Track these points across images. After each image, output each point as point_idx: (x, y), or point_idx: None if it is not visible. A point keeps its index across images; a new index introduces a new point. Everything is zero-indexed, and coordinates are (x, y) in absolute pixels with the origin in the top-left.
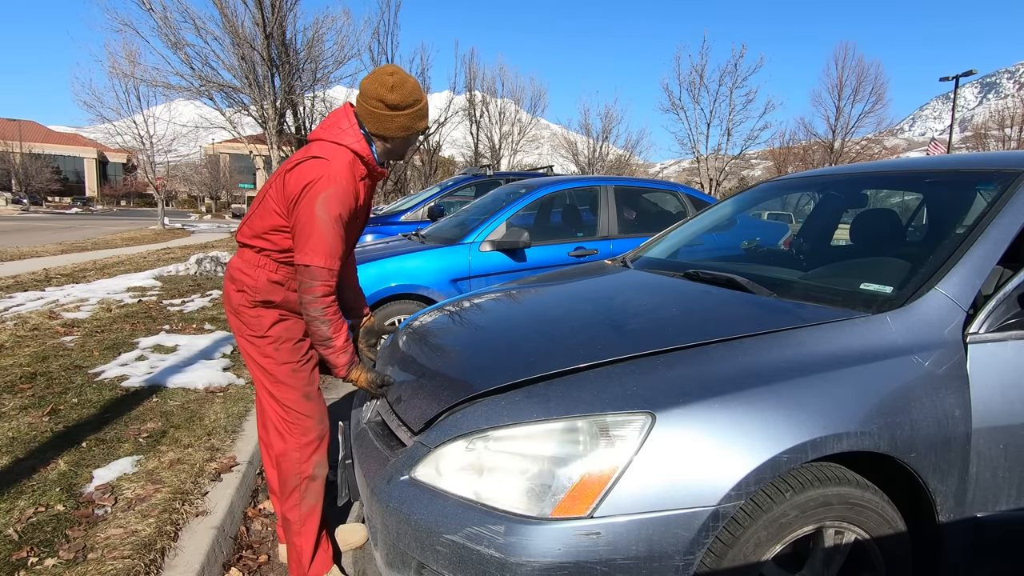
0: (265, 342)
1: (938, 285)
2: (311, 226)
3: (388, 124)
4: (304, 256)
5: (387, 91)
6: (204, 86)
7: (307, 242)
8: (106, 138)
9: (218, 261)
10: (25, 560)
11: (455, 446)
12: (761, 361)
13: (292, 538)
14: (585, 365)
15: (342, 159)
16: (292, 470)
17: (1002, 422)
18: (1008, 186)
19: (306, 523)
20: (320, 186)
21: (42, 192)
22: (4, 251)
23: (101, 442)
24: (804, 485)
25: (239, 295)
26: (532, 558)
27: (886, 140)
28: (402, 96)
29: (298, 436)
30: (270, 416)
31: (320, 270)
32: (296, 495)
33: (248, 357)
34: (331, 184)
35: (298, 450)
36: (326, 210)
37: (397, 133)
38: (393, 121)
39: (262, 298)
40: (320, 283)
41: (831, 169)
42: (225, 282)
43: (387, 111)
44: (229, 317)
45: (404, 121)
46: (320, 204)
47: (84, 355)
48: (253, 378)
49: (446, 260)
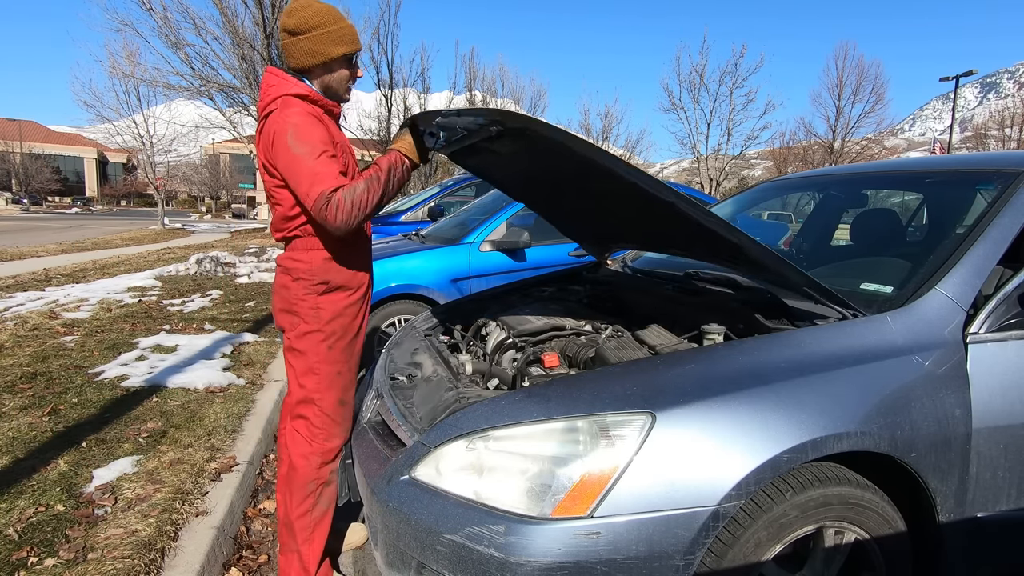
0: (319, 337)
1: (938, 285)
2: (297, 164)
3: (294, 52)
4: (311, 191)
5: (286, 18)
6: (204, 86)
7: (303, 179)
8: (106, 138)
9: (218, 261)
10: (25, 560)
11: (455, 446)
12: (761, 361)
13: (300, 546)
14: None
15: (286, 103)
16: (311, 475)
17: (1002, 422)
18: (1008, 186)
19: (315, 530)
20: (282, 131)
21: (42, 192)
22: (4, 251)
23: (101, 442)
24: (804, 485)
25: (296, 284)
26: (532, 558)
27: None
28: (300, 20)
29: (322, 442)
30: (300, 421)
31: (330, 193)
32: (310, 500)
33: (295, 358)
34: (288, 123)
35: (321, 455)
36: (300, 141)
37: (306, 60)
38: (296, 47)
39: (319, 279)
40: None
41: (831, 169)
42: (277, 277)
43: (290, 38)
44: (280, 318)
45: (308, 45)
46: (292, 142)
47: (84, 355)
48: (290, 382)
49: (446, 260)
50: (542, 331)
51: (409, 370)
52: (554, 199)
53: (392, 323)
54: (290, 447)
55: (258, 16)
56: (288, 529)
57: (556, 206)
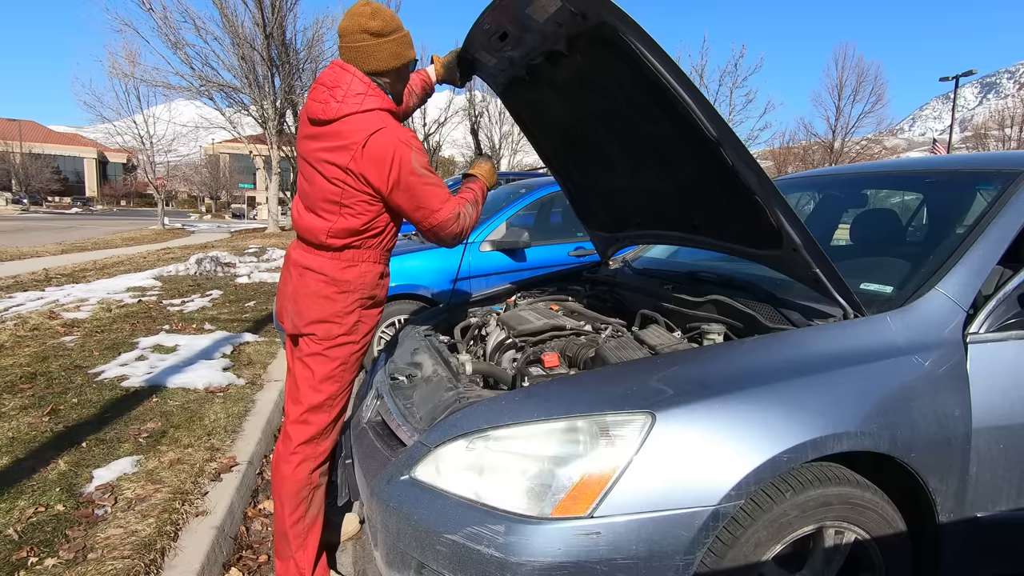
0: (353, 348)
1: (938, 285)
2: (424, 185)
3: (378, 54)
4: (434, 216)
5: (368, 19)
6: (204, 86)
7: (432, 200)
8: (106, 138)
9: (218, 261)
10: (25, 560)
11: (455, 446)
12: (761, 361)
13: (294, 553)
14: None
15: (386, 119)
16: (304, 480)
17: (1002, 422)
18: (1008, 186)
19: (308, 536)
20: (402, 153)
21: (42, 192)
22: (4, 251)
23: (101, 442)
24: (804, 485)
25: (343, 296)
26: (532, 558)
27: (886, 140)
28: (384, 21)
29: (317, 445)
30: (301, 427)
31: (449, 216)
32: (303, 507)
33: (319, 365)
34: (409, 146)
35: (316, 459)
36: (421, 165)
37: (390, 63)
38: (382, 49)
39: (369, 293)
40: (460, 224)
41: (831, 169)
42: (312, 285)
43: (373, 40)
44: (312, 327)
45: (392, 47)
46: (415, 166)
47: (84, 355)
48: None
49: (446, 260)
50: (542, 331)
51: (409, 370)
52: (591, 156)
53: (392, 323)
54: (283, 454)
55: (258, 16)
56: (283, 538)
57: (589, 166)
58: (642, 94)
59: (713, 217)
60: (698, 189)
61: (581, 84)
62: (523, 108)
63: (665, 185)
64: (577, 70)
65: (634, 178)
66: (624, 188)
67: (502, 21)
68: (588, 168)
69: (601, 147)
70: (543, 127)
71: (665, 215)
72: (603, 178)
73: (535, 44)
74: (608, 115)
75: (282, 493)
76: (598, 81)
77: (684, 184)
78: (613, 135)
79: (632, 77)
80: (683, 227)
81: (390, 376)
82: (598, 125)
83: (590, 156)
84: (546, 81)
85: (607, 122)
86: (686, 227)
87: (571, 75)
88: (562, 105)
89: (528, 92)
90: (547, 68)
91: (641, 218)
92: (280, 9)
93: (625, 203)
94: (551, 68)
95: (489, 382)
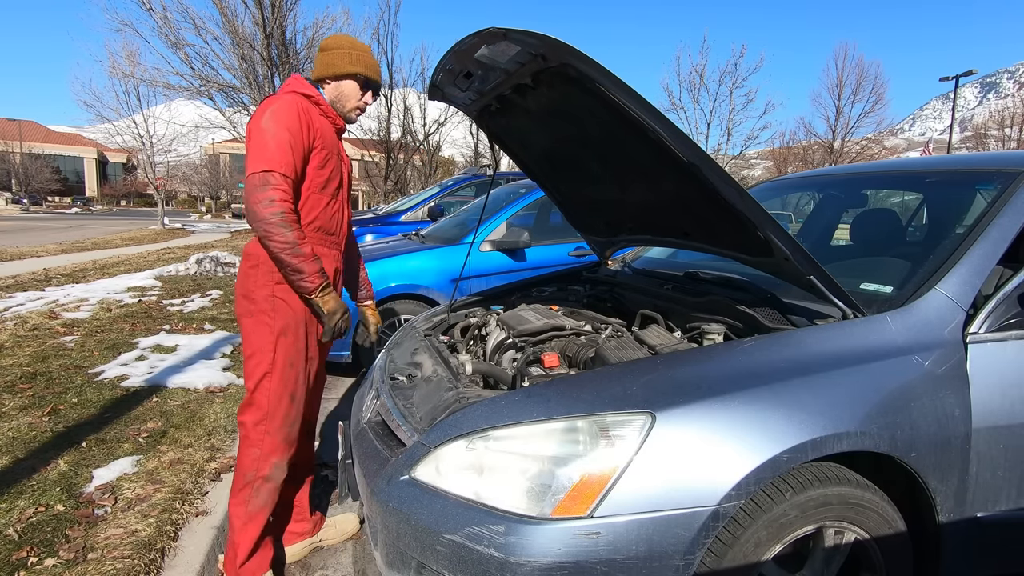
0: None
1: (938, 285)
2: (260, 137)
3: (317, 64)
4: (256, 164)
5: (323, 42)
6: (204, 86)
7: (258, 153)
8: (106, 138)
9: (218, 261)
10: (25, 560)
11: (455, 446)
12: (761, 361)
13: (232, 535)
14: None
15: (283, 96)
16: (251, 465)
17: (1002, 422)
18: (1008, 186)
19: (248, 524)
20: (262, 109)
21: (42, 192)
22: (4, 251)
23: (101, 442)
24: (804, 485)
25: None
26: (532, 558)
27: (886, 140)
28: (331, 40)
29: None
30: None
31: (273, 175)
32: (247, 491)
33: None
34: (271, 105)
35: (258, 446)
36: (273, 121)
37: (321, 71)
38: (320, 60)
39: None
40: (273, 187)
41: (831, 169)
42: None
43: (319, 53)
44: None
45: (326, 58)
46: (266, 118)
47: (84, 355)
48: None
49: (446, 260)
50: (542, 331)
51: (409, 370)
52: (574, 173)
53: (392, 323)
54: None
55: (258, 16)
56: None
57: (574, 183)
58: (614, 124)
59: (703, 228)
60: (685, 203)
61: (553, 113)
62: (499, 131)
63: (654, 198)
64: (547, 101)
65: (621, 192)
66: (611, 200)
67: (464, 63)
68: (573, 183)
69: (583, 165)
70: (521, 148)
71: (656, 224)
72: (589, 191)
73: (500, 80)
74: (584, 139)
75: (238, 471)
76: (569, 110)
77: (670, 198)
78: (593, 156)
79: (602, 109)
80: (675, 234)
81: (390, 376)
82: (576, 147)
83: (573, 174)
84: (519, 108)
85: (584, 145)
86: (678, 235)
87: (542, 104)
88: (538, 130)
89: (502, 118)
90: (517, 98)
91: (633, 225)
92: (280, 9)
93: (615, 213)
94: (521, 98)
95: (489, 382)
